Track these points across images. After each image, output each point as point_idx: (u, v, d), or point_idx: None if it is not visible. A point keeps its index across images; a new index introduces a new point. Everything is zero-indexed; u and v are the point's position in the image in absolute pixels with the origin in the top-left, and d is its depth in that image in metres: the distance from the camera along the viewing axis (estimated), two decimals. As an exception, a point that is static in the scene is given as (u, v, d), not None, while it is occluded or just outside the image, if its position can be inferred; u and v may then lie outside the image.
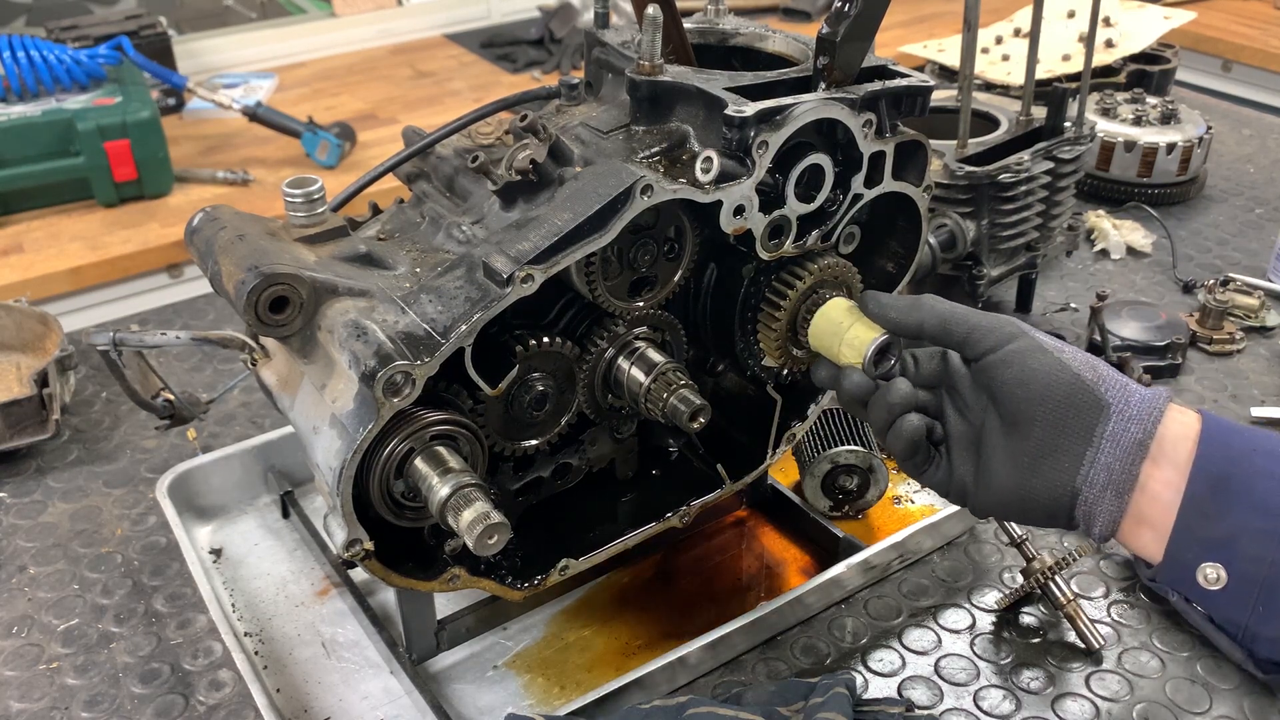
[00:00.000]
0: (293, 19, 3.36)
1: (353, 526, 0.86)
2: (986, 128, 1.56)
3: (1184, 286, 1.73)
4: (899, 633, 1.12)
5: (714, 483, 1.12)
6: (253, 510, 1.32)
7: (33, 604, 1.17)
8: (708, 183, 0.89)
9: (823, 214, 1.00)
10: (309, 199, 0.96)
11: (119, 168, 2.22)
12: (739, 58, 1.12)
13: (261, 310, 0.86)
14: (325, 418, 0.86)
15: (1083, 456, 0.80)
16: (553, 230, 0.85)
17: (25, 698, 1.06)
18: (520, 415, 0.97)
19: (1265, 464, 0.76)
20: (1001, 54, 2.30)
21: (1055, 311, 1.67)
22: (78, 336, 1.56)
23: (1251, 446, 0.78)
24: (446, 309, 0.85)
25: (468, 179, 1.00)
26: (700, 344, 1.10)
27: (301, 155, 2.47)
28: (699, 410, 0.95)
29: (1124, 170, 1.96)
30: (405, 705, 1.05)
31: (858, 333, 0.92)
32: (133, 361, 1.00)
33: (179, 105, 2.73)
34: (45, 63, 2.25)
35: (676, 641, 1.06)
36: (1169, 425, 0.79)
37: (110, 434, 1.43)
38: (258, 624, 1.16)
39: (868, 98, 0.96)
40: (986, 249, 1.52)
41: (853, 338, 0.92)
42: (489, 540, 0.82)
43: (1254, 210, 1.99)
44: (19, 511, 1.31)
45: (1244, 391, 1.48)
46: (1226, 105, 2.54)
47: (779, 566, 1.24)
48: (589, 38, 1.09)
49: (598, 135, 0.96)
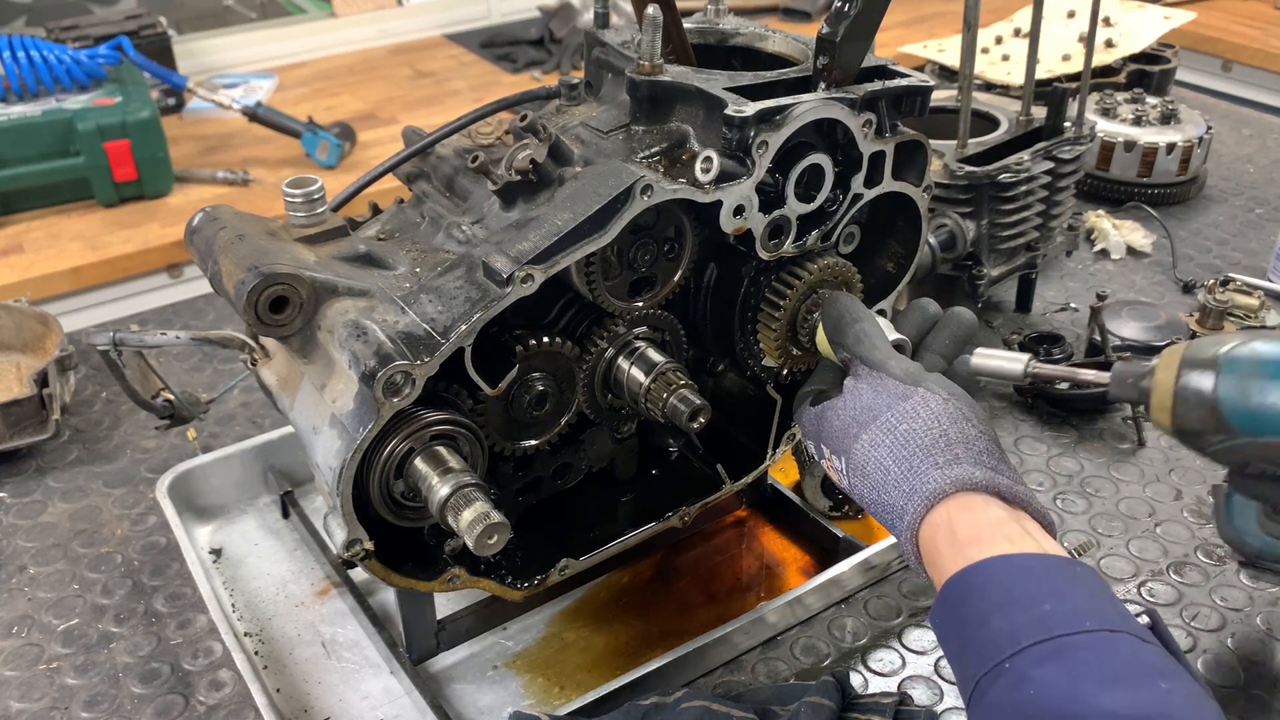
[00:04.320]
0: (293, 19, 3.36)
1: (353, 526, 0.86)
2: (986, 128, 1.56)
3: (1184, 286, 1.73)
4: (899, 633, 1.12)
5: (714, 483, 1.12)
6: (253, 510, 1.32)
7: (33, 604, 1.17)
8: (708, 183, 0.89)
9: (823, 214, 1.00)
10: (309, 199, 0.96)
11: (119, 168, 2.22)
12: (739, 58, 1.12)
13: (261, 310, 0.86)
14: (325, 418, 0.86)
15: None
16: (553, 230, 0.85)
17: (25, 698, 1.06)
18: (520, 415, 0.97)
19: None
20: (1001, 54, 2.30)
21: (1055, 311, 1.67)
22: (78, 336, 1.56)
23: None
24: (446, 309, 0.85)
25: (468, 179, 1.00)
26: (700, 344, 1.10)
27: (301, 155, 2.47)
28: (699, 410, 0.95)
29: (1124, 170, 1.95)
30: (405, 705, 1.05)
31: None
32: (133, 361, 1.00)
33: (179, 105, 2.73)
34: (45, 63, 2.25)
35: (676, 641, 1.06)
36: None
37: (110, 434, 1.43)
38: (258, 624, 1.16)
39: (868, 98, 0.96)
40: (986, 249, 1.52)
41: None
42: (489, 540, 0.81)
43: (1254, 210, 1.99)
44: (19, 511, 1.31)
45: (1244, 391, 1.48)
46: (1226, 105, 2.53)
47: (779, 566, 1.24)
48: (589, 38, 1.09)
49: (598, 135, 0.96)
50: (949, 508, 0.78)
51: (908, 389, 0.85)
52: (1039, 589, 0.71)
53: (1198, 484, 1.31)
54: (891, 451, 0.82)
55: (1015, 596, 0.71)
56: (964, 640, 0.72)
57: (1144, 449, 1.37)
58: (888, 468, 0.82)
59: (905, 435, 0.82)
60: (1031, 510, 0.79)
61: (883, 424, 0.84)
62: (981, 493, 0.78)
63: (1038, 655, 0.67)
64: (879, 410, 0.84)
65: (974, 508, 0.77)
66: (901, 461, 0.81)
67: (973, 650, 0.71)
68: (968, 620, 0.72)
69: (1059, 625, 0.68)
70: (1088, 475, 1.33)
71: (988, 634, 0.70)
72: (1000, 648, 0.68)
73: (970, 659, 0.71)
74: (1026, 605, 0.70)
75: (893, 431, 0.83)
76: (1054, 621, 0.68)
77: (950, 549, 0.76)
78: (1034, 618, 0.69)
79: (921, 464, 0.80)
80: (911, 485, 0.80)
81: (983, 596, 0.72)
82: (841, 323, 0.93)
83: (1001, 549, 0.73)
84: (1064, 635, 0.67)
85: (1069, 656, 0.66)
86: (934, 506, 0.78)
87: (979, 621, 0.71)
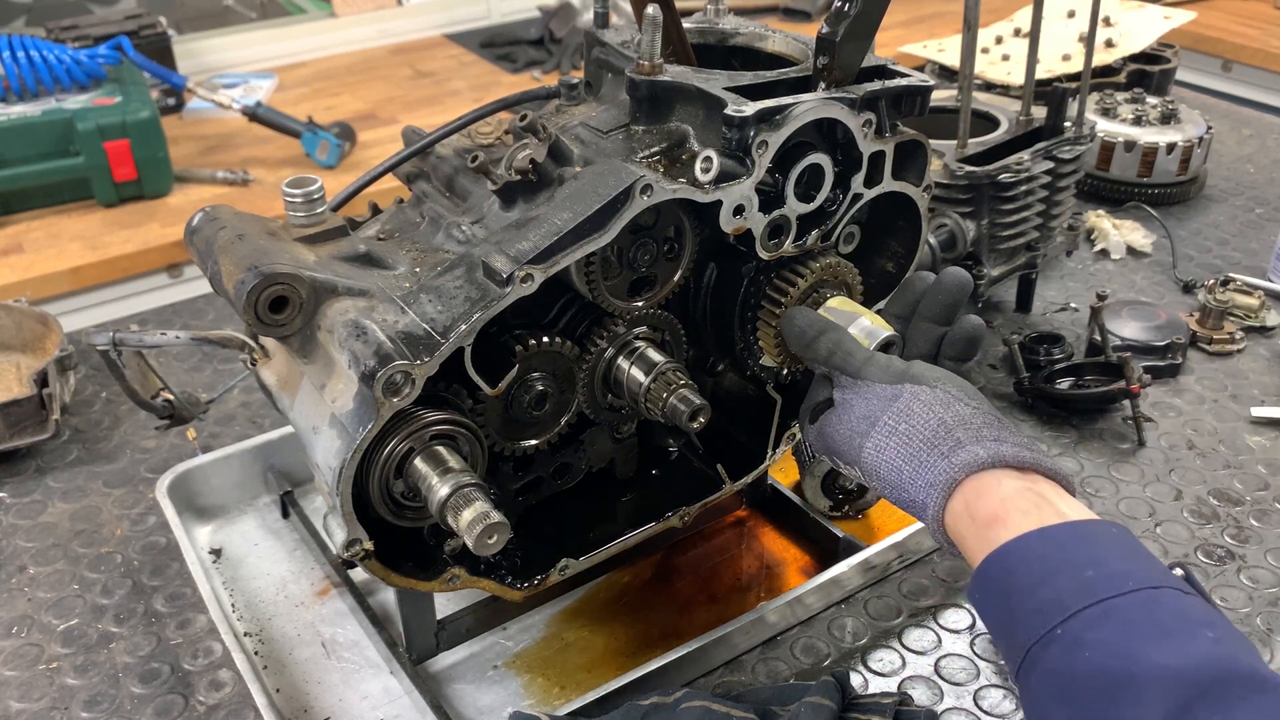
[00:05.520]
0: (293, 19, 3.36)
1: (352, 526, 0.86)
2: (986, 128, 1.56)
3: (1184, 286, 1.73)
4: (899, 633, 1.12)
5: (714, 483, 1.12)
6: (253, 510, 1.32)
7: (33, 604, 1.17)
8: (707, 182, 0.89)
9: (822, 213, 1.00)
10: (309, 199, 0.96)
11: (119, 168, 2.22)
12: (739, 58, 1.12)
13: (261, 310, 0.86)
14: (325, 417, 0.86)
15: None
16: (552, 230, 0.85)
17: (25, 698, 1.06)
18: (520, 415, 0.97)
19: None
20: (1001, 54, 2.30)
21: (1055, 311, 1.67)
22: (78, 336, 1.56)
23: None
24: (446, 309, 0.85)
25: (467, 179, 1.00)
26: (700, 344, 1.10)
27: (301, 155, 2.47)
28: (698, 410, 0.95)
29: (1124, 170, 1.95)
30: (405, 705, 1.05)
31: (862, 328, 0.93)
32: (132, 361, 1.00)
33: (179, 105, 2.73)
34: (45, 63, 2.25)
35: (676, 641, 1.06)
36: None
37: (110, 434, 1.43)
38: (258, 624, 1.16)
39: (867, 97, 0.96)
40: (986, 249, 1.52)
41: (856, 333, 0.93)
42: (489, 540, 0.81)
43: (1254, 210, 1.99)
44: (19, 511, 1.31)
45: (1244, 391, 1.48)
46: (1226, 105, 2.53)
47: (779, 566, 1.23)
48: (589, 38, 1.09)
49: (597, 135, 0.96)
50: (964, 494, 0.80)
51: (894, 389, 0.86)
52: (1079, 556, 0.73)
53: (1198, 484, 1.31)
54: (899, 452, 0.84)
55: (1057, 566, 0.73)
56: (1008, 611, 0.74)
57: (1144, 449, 1.37)
58: (900, 468, 0.84)
59: (907, 434, 0.83)
60: (1044, 470, 0.80)
61: (882, 429, 0.85)
62: (990, 470, 0.79)
63: (1087, 620, 0.69)
64: (874, 417, 0.86)
65: (987, 488, 0.79)
66: (911, 459, 0.83)
67: (1020, 620, 0.73)
68: (1012, 591, 0.74)
69: (1103, 589, 0.70)
70: (1088, 475, 1.33)
71: (1035, 603, 0.72)
72: (1049, 616, 0.71)
73: (1018, 628, 0.73)
74: (1070, 573, 0.72)
75: (894, 434, 0.84)
76: (1098, 586, 0.70)
77: (973, 533, 0.78)
78: (1079, 584, 0.71)
79: (929, 457, 0.82)
80: (926, 480, 0.82)
81: (1026, 569, 0.74)
82: (804, 340, 0.94)
83: (1022, 523, 0.76)
84: (1110, 599, 0.70)
85: (1117, 617, 0.69)
86: (951, 495, 0.80)
87: (1026, 592, 0.73)
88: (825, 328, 0.93)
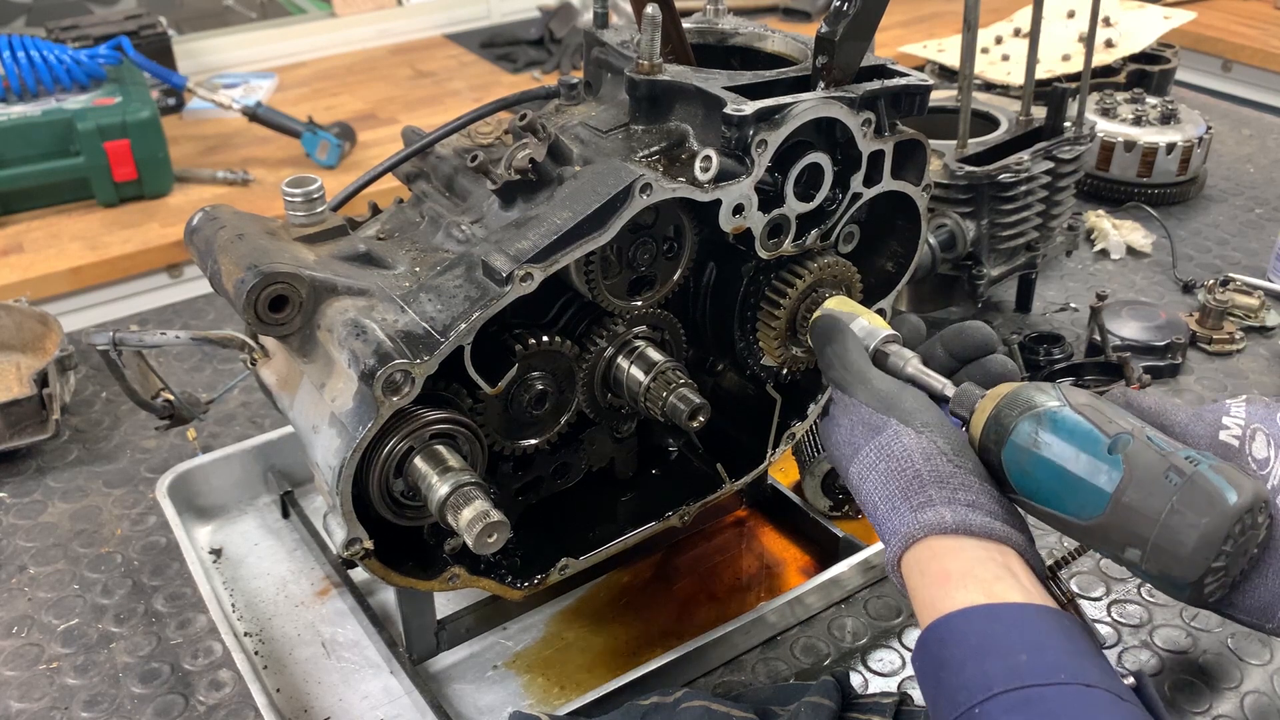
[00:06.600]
0: (293, 19, 3.36)
1: (352, 526, 0.86)
2: (986, 128, 1.56)
3: (1184, 286, 1.73)
4: (899, 633, 1.12)
5: (714, 482, 1.12)
6: (253, 510, 1.32)
7: (33, 604, 1.17)
8: (707, 181, 0.89)
9: (822, 213, 1.00)
10: (308, 198, 0.96)
11: (119, 168, 2.22)
12: (738, 57, 1.12)
13: (261, 309, 0.86)
14: (325, 417, 0.86)
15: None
16: (552, 229, 0.85)
17: (25, 698, 1.06)
18: (520, 414, 0.97)
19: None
20: (1001, 54, 2.30)
21: (1055, 311, 1.67)
22: (78, 336, 1.56)
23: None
24: (446, 308, 0.85)
25: (467, 178, 1.00)
26: (700, 343, 1.10)
27: (301, 155, 2.47)
28: (698, 409, 0.95)
29: (1124, 170, 1.96)
30: (405, 705, 1.05)
31: (861, 328, 0.93)
32: (132, 361, 1.00)
33: (179, 105, 2.73)
34: (45, 63, 2.25)
35: (676, 641, 1.06)
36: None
37: (110, 434, 1.43)
38: (258, 624, 1.16)
39: (867, 97, 0.96)
40: (986, 249, 1.52)
41: (857, 331, 0.93)
42: (488, 539, 0.81)
43: (1254, 210, 1.99)
44: (19, 511, 1.31)
45: (1243, 391, 1.48)
46: (1226, 105, 2.53)
47: (779, 566, 1.23)
48: (588, 38, 1.09)
49: (597, 134, 0.96)
50: (919, 552, 0.78)
51: (879, 420, 0.85)
52: (1018, 638, 0.71)
53: (1198, 483, 1.31)
54: (876, 489, 0.83)
55: (993, 645, 0.71)
56: (938, 684, 0.72)
57: (1144, 448, 1.37)
58: (875, 503, 0.83)
59: (884, 474, 0.83)
60: (1014, 545, 0.78)
61: (863, 459, 0.84)
62: (952, 535, 0.78)
63: (1006, 703, 0.67)
64: (858, 445, 0.85)
65: (947, 550, 0.77)
66: (885, 500, 0.82)
67: (945, 694, 0.71)
68: (945, 664, 0.72)
69: (1031, 676, 0.68)
70: (1088, 475, 1.33)
71: (962, 679, 0.70)
72: (971, 693, 0.68)
73: (942, 704, 0.71)
74: (1003, 654, 0.70)
75: (874, 469, 0.83)
76: (1028, 671, 0.68)
77: (920, 586, 0.77)
78: (1008, 666, 0.69)
79: (900, 505, 0.81)
80: (892, 525, 0.81)
81: (961, 642, 0.72)
82: (818, 345, 0.95)
83: (967, 597, 0.73)
84: (1035, 686, 0.67)
85: (1038, 706, 0.66)
86: (908, 548, 0.79)
87: (956, 666, 0.71)
88: (833, 336, 0.93)
